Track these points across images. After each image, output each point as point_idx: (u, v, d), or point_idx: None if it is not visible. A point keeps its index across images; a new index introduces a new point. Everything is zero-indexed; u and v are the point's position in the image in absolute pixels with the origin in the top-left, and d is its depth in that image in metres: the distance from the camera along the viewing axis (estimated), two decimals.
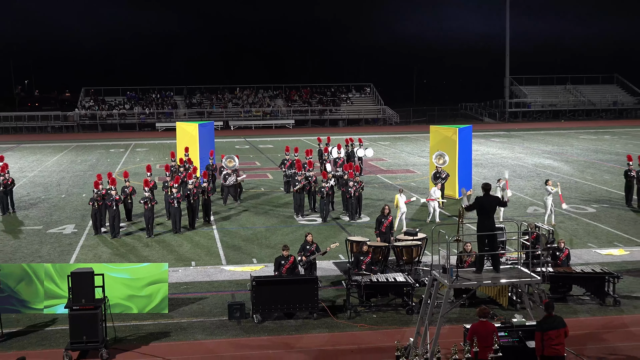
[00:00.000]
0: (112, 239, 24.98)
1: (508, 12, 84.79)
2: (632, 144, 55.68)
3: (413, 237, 20.84)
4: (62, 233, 26.30)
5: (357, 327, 16.73)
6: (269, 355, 15.17)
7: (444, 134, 32.81)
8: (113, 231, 25.21)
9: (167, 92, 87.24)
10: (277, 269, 18.54)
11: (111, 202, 24.93)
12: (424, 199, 28.27)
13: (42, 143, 62.92)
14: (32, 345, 15.86)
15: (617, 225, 26.54)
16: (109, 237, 25.15)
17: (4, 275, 17.57)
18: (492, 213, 14.49)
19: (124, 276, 17.87)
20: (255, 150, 54.90)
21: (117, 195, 25.29)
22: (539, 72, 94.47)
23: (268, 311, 17.24)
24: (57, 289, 17.79)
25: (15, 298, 17.81)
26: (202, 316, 17.57)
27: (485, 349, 12.48)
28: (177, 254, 23.26)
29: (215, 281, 20.39)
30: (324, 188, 27.52)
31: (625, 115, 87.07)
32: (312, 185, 28.91)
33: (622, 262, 21.58)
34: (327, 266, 21.37)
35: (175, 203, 25.64)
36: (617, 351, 15.16)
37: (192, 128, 36.70)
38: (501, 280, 14.01)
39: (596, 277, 18.27)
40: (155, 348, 15.69)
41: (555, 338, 12.80)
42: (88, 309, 15.06)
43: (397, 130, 74.72)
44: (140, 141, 63.93)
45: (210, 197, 28.30)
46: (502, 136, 64.72)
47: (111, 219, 25.31)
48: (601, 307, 17.86)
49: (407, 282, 17.90)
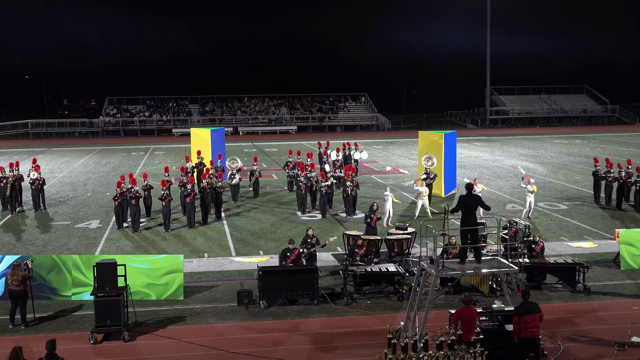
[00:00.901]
0: (133, 233, 24.96)
1: (489, 30, 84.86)
2: (600, 147, 55.63)
3: (403, 231, 20.86)
4: (88, 228, 26.29)
5: (353, 312, 16.72)
6: (273, 338, 15.16)
7: (431, 138, 32.80)
8: (134, 226, 25.21)
9: (183, 101, 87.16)
10: (283, 259, 18.54)
11: (134, 199, 24.93)
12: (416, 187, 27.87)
13: (70, 147, 62.86)
14: (61, 329, 15.86)
15: (587, 220, 26.53)
16: (130, 232, 25.14)
17: (36, 265, 17.57)
18: (475, 210, 14.52)
19: (143, 266, 17.88)
20: (261, 153, 54.84)
21: (138, 193, 25.29)
22: (516, 83, 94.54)
23: (273, 298, 17.23)
24: (83, 278, 17.80)
25: (46, 286, 17.83)
26: (213, 302, 17.56)
27: (468, 331, 12.48)
28: (192, 246, 23.24)
29: (226, 271, 20.37)
30: (323, 187, 27.57)
31: (594, 122, 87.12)
32: (314, 185, 28.92)
33: (591, 254, 21.59)
34: (326, 257, 21.35)
35: (190, 200, 25.67)
36: (586, 333, 15.15)
37: (205, 133, 36.69)
38: (482, 270, 14.01)
39: (568, 267, 18.27)
40: (172, 331, 15.69)
41: (531, 322, 12.84)
42: (111, 296, 15.07)
43: (389, 135, 74.66)
44: (158, 145, 63.86)
45: (222, 194, 28.22)
46: (484, 140, 64.66)
47: (132, 215, 25.31)
48: (572, 294, 17.86)
49: (398, 272, 17.89)
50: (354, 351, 14.28)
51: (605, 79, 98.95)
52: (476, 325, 12.58)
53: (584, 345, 14.53)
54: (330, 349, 14.52)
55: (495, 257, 15.11)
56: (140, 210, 25.65)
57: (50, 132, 78.52)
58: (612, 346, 14.35)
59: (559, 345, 14.41)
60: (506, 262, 14.35)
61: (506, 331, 13.66)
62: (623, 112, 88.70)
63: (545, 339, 14.32)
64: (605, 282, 18.84)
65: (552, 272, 18.51)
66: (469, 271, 13.90)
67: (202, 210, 26.72)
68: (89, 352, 14.56)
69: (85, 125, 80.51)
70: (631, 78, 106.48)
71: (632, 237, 20.22)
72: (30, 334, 15.58)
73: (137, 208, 25.18)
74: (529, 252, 19.09)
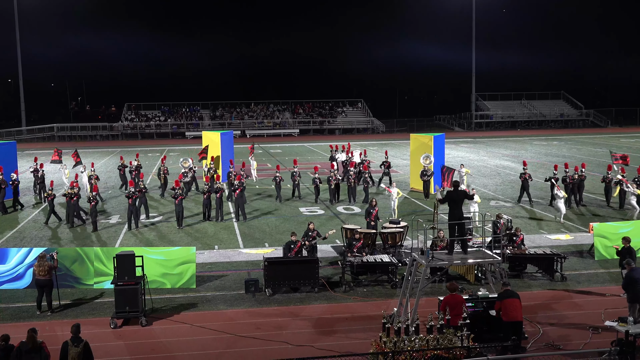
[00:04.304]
0: (149, 227, 24.92)
1: (474, 42, 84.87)
2: (575, 148, 55.61)
3: (397, 225, 20.84)
4: (108, 222, 26.27)
5: (350, 299, 16.72)
6: (278, 322, 15.16)
7: (422, 140, 32.77)
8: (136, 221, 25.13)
9: (195, 106, 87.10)
10: (287, 251, 18.52)
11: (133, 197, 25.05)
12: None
13: (92, 149, 62.81)
14: (84, 314, 15.86)
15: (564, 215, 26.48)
16: (146, 227, 25.10)
17: (61, 257, 17.56)
18: (461, 204, 14.51)
19: (159, 257, 17.86)
20: (267, 154, 54.81)
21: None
22: (499, 89, 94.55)
23: (277, 286, 17.22)
24: (104, 268, 17.79)
25: (70, 275, 17.82)
26: (223, 290, 17.56)
27: (455, 316, 12.48)
28: (203, 239, 23.22)
29: (234, 261, 20.36)
30: (332, 177, 29.92)
31: (570, 125, 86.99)
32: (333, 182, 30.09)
33: (567, 245, 21.57)
34: (326, 249, 21.33)
35: (205, 198, 25.62)
36: (563, 318, 15.16)
37: (215, 136, 36.65)
38: (469, 261, 14.02)
39: (546, 258, 18.26)
40: (185, 316, 15.69)
41: (511, 305, 12.81)
42: (130, 284, 15.08)
43: (383, 137, 74.60)
44: (173, 147, 63.81)
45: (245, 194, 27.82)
46: (469, 142, 64.61)
47: (146, 211, 25.28)
48: (551, 282, 17.85)
49: (392, 262, 17.88)
50: (351, 334, 14.27)
51: (581, 86, 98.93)
52: (463, 310, 12.56)
53: (562, 328, 14.53)
54: (329, 332, 14.51)
55: (480, 248, 15.10)
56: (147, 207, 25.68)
57: (74, 135, 78.48)
58: (587, 330, 14.36)
59: (539, 329, 14.40)
60: (490, 253, 14.34)
61: (490, 316, 13.66)
62: (597, 116, 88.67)
63: (526, 323, 14.30)
64: (580, 271, 18.82)
65: (532, 262, 18.51)
66: (456, 261, 13.91)
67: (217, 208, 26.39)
68: (109, 335, 14.57)
69: (106, 129, 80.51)
70: (603, 85, 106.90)
71: (605, 230, 20.24)
72: (56, 319, 15.59)
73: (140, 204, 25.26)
74: (510, 243, 19.08)
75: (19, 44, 76.04)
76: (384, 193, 27.92)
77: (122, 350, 13.82)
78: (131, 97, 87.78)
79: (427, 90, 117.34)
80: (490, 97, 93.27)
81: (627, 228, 20.33)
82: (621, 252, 16.39)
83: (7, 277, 17.85)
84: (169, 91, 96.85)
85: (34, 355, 10.72)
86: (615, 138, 66.68)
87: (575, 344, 13.61)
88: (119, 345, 14.09)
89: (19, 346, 10.91)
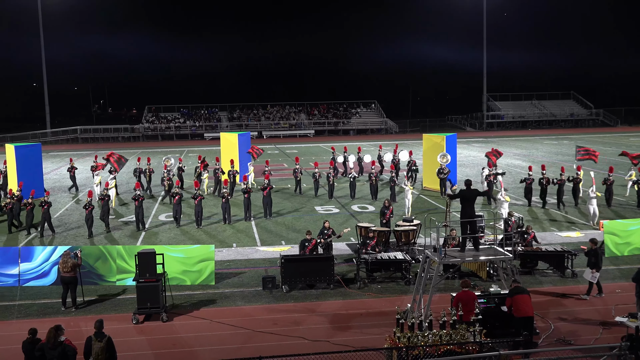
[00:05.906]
0: (169, 225, 25.05)
1: (485, 43, 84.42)
2: None
3: (410, 223, 20.79)
4: (130, 221, 26.43)
5: (365, 295, 16.71)
6: (294, 318, 15.19)
7: (434, 140, 32.66)
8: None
9: (213, 108, 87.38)
10: (302, 249, 18.55)
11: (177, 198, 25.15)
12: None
13: (114, 150, 63.08)
14: (107, 310, 15.99)
15: (574, 213, 26.29)
16: (168, 226, 25.22)
17: (85, 255, 17.73)
18: (473, 202, 14.38)
19: (179, 255, 17.97)
20: (283, 154, 54.88)
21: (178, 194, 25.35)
22: (510, 90, 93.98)
23: (294, 283, 17.26)
24: (126, 265, 17.92)
25: (93, 273, 17.98)
26: (241, 287, 17.62)
27: (468, 312, 12.43)
28: (221, 238, 23.31)
29: (252, 259, 20.42)
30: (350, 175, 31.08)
31: (580, 125, 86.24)
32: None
33: (578, 243, 21.39)
34: (341, 247, 21.34)
35: (224, 199, 25.60)
36: (573, 314, 15.06)
37: (233, 137, 36.75)
38: (480, 258, 13.93)
39: (557, 255, 18.17)
40: (205, 312, 15.77)
41: (522, 300, 12.77)
42: (151, 281, 15.17)
43: (396, 137, 74.25)
44: (192, 148, 64.08)
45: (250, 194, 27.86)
46: (481, 142, 64.24)
47: (174, 212, 25.36)
48: (561, 279, 17.74)
49: (405, 259, 17.86)
50: (366, 330, 14.27)
51: (590, 86, 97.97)
52: (475, 306, 12.52)
53: (572, 324, 14.43)
54: (345, 328, 14.52)
55: (492, 245, 15.02)
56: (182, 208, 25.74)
57: (97, 137, 79.04)
58: (597, 325, 14.25)
59: (550, 325, 14.32)
60: (502, 250, 14.26)
61: (502, 312, 13.59)
62: (606, 116, 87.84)
63: (537, 318, 14.22)
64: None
65: (543, 259, 18.41)
66: (468, 258, 13.83)
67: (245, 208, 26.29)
68: (131, 331, 14.68)
69: (127, 130, 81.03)
70: (614, 85, 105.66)
71: (615, 228, 20.08)
72: (80, 315, 15.73)
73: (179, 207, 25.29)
74: (522, 241, 18.97)
75: (43, 50, 76.79)
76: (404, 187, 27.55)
77: (143, 345, 13.91)
78: (151, 100, 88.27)
79: (439, 90, 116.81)
80: (502, 97, 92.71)
81: (637, 225, 20.15)
82: (588, 253, 16.37)
83: (33, 275, 18.05)
84: (187, 93, 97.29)
85: (53, 352, 10.84)
86: (625, 137, 66.01)
87: (585, 339, 13.52)
88: (140, 340, 14.18)
89: (44, 342, 11.02)
